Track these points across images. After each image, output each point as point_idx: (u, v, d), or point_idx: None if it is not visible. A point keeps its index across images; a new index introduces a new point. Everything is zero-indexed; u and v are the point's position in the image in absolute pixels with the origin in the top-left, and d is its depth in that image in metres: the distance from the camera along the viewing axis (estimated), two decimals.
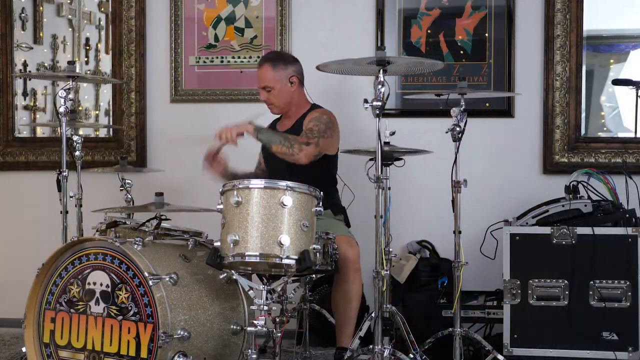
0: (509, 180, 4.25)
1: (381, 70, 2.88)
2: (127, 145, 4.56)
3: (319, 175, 3.52)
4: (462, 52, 4.29)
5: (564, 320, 3.39)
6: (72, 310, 2.97)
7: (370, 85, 2.95)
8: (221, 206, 2.85)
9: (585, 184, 3.63)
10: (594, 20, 4.23)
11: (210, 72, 4.51)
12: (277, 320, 2.93)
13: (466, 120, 3.23)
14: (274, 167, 3.64)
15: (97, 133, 4.86)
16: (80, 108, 4.95)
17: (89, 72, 5.04)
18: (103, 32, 5.00)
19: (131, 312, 2.82)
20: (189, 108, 4.53)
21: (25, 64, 4.83)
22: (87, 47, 5.07)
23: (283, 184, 2.80)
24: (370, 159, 3.18)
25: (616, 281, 3.37)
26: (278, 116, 3.86)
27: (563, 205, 3.55)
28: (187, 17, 4.51)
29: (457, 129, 3.22)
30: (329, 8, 4.41)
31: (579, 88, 4.18)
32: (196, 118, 4.52)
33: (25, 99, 4.85)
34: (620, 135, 4.43)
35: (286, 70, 3.66)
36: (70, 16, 5.01)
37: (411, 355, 3.21)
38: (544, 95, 4.21)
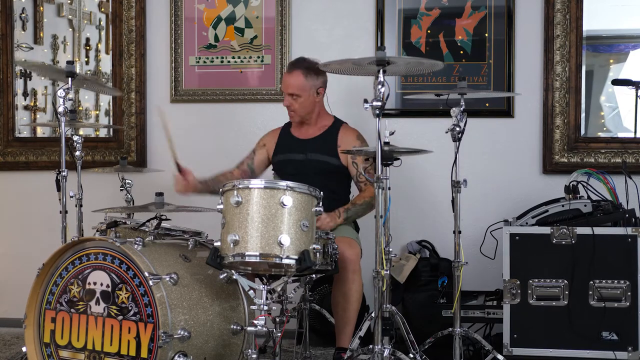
0: (509, 180, 4.25)
1: (381, 71, 2.88)
2: (127, 145, 4.57)
3: (347, 184, 3.66)
4: (462, 52, 4.30)
5: (563, 320, 3.39)
6: (72, 310, 2.97)
7: (370, 85, 2.95)
8: (221, 206, 2.85)
9: (585, 184, 3.63)
10: (594, 21, 4.24)
11: (210, 72, 4.51)
12: (277, 320, 2.93)
13: (466, 120, 3.23)
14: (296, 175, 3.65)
15: (97, 133, 4.87)
16: (80, 108, 4.96)
17: (89, 72, 5.05)
18: (103, 32, 5.01)
19: (131, 312, 2.82)
20: (189, 108, 4.53)
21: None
22: (88, 47, 5.08)
23: (283, 184, 2.80)
24: (366, 159, 3.18)
25: (616, 281, 3.37)
26: (282, 126, 3.87)
27: (563, 205, 3.55)
28: (187, 17, 4.51)
29: (457, 129, 3.22)
30: (329, 8, 4.41)
31: (579, 88, 4.19)
32: (196, 118, 4.52)
33: (25, 99, 4.86)
34: (620, 135, 4.43)
35: (316, 81, 3.66)
36: (70, 16, 5.01)
37: (411, 355, 3.21)
38: (543, 95, 4.21)
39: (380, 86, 2.85)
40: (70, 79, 3.34)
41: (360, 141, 3.69)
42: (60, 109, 3.39)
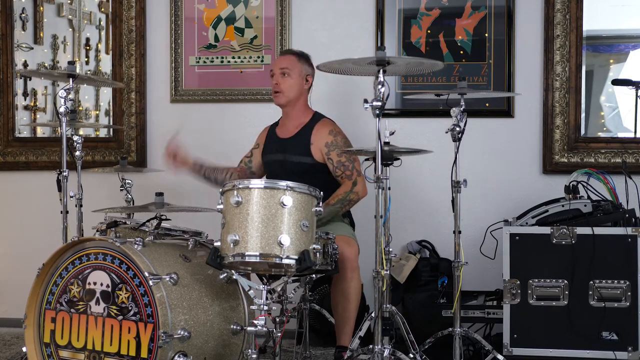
0: (509, 180, 4.25)
1: (381, 71, 2.88)
2: (127, 145, 4.57)
3: (330, 180, 3.60)
4: (462, 52, 4.30)
5: (563, 320, 3.39)
6: (72, 310, 2.97)
7: (370, 85, 2.96)
8: (221, 206, 2.85)
9: (585, 184, 3.63)
10: (594, 21, 4.24)
11: (210, 72, 4.51)
12: (277, 320, 2.93)
13: (466, 120, 3.23)
14: (281, 175, 3.66)
15: (97, 133, 4.87)
16: (80, 108, 4.96)
17: (89, 72, 5.05)
18: (103, 32, 5.01)
19: (131, 312, 2.82)
20: (189, 108, 4.53)
21: (25, 64, 4.83)
22: (88, 47, 5.08)
23: (283, 184, 2.80)
24: (366, 159, 3.18)
25: (616, 281, 3.37)
26: (271, 124, 3.87)
27: (563, 205, 3.55)
28: (187, 17, 4.51)
29: (457, 129, 3.22)
30: (329, 8, 4.41)
31: (579, 88, 4.19)
32: (196, 118, 4.52)
33: (25, 99, 4.86)
34: (620, 135, 4.43)
35: (308, 68, 3.70)
36: (70, 16, 5.01)
37: (411, 355, 3.21)
38: (543, 95, 4.21)
39: (380, 86, 2.86)
40: (71, 79, 3.34)
41: (332, 136, 3.63)
42: (62, 109, 3.39)
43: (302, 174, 3.55)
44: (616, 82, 4.15)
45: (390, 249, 3.09)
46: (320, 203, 2.89)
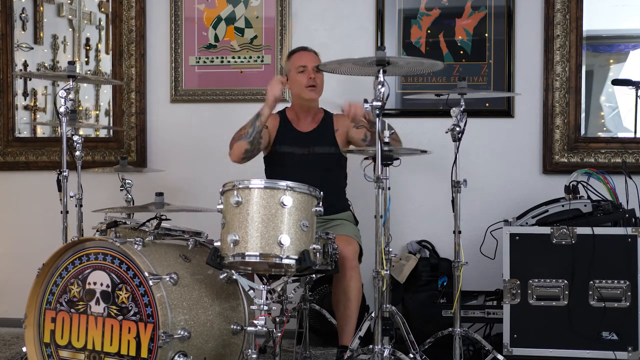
0: (509, 180, 4.25)
1: (381, 71, 2.88)
2: (127, 145, 4.56)
3: (343, 175, 3.65)
4: (462, 52, 4.29)
5: (563, 320, 3.39)
6: (72, 310, 2.97)
7: (370, 85, 2.96)
8: (221, 206, 2.85)
9: (585, 184, 3.63)
10: (594, 21, 4.24)
11: (210, 72, 4.51)
12: (277, 320, 2.93)
13: (466, 120, 3.23)
14: (303, 174, 3.51)
15: (97, 133, 4.87)
16: (80, 108, 4.96)
17: (89, 72, 5.05)
18: (103, 32, 5.00)
19: (131, 312, 2.82)
20: (189, 108, 4.53)
21: (25, 64, 4.83)
22: (88, 47, 5.07)
23: (283, 184, 2.81)
24: (365, 159, 3.18)
25: (616, 281, 3.37)
26: (278, 112, 3.85)
27: (563, 205, 3.55)
28: (187, 17, 4.51)
29: (457, 129, 3.22)
30: (329, 8, 4.41)
31: (579, 88, 4.19)
32: (196, 118, 4.52)
33: (25, 99, 4.86)
34: (620, 135, 4.43)
35: None
36: (70, 16, 5.01)
37: (411, 355, 3.21)
38: (543, 95, 4.21)
39: (380, 86, 2.86)
40: (71, 79, 3.34)
41: None
42: (62, 109, 3.40)
43: (325, 167, 3.60)
44: (616, 82, 4.15)
45: (390, 249, 3.09)
46: (320, 203, 2.89)
